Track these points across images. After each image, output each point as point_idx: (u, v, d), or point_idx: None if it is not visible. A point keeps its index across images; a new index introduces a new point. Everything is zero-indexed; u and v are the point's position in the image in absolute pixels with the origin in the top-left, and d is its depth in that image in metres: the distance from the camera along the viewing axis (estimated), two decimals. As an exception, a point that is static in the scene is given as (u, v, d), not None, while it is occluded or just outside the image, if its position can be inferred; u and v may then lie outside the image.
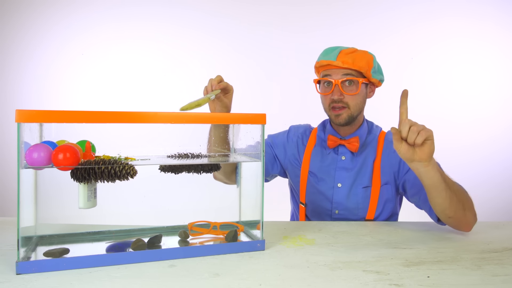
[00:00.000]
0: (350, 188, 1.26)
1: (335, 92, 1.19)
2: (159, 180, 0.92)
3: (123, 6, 2.90)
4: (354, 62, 1.16)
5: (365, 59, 1.18)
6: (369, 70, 1.18)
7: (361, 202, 1.25)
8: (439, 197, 1.00)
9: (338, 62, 1.17)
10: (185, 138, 0.97)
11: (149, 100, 2.84)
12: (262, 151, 0.91)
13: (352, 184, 1.26)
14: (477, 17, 2.86)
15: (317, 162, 1.30)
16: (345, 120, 1.22)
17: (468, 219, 1.04)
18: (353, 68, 1.17)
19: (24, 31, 2.92)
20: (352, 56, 1.17)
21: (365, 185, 1.25)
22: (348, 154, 1.28)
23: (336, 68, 1.19)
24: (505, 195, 2.79)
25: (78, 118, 0.74)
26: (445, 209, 1.01)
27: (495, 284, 0.73)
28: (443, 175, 1.00)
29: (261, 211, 0.91)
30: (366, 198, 1.25)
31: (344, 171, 1.27)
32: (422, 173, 0.97)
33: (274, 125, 1.49)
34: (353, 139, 1.25)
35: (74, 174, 0.80)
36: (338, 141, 1.27)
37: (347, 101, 1.20)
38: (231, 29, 2.91)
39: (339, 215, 1.28)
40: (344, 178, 1.26)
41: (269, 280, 0.73)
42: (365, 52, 1.20)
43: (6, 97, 2.94)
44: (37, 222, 0.85)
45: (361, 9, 2.90)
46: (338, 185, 1.27)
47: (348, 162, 1.27)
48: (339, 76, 1.19)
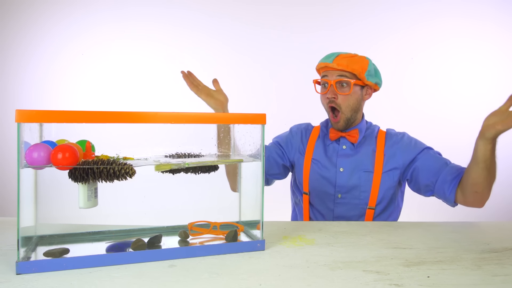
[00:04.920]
0: (352, 171, 1.32)
1: (330, 92, 1.29)
2: (159, 180, 0.92)
3: (123, 6, 2.90)
4: (348, 64, 1.25)
5: (360, 63, 1.26)
6: (362, 72, 1.26)
7: (363, 185, 1.31)
8: (480, 173, 1.10)
9: (334, 64, 1.26)
10: (184, 138, 0.97)
11: (149, 100, 2.84)
12: (262, 151, 0.91)
13: (354, 168, 1.32)
14: (477, 17, 2.86)
15: (320, 151, 1.38)
16: (342, 126, 1.32)
17: (487, 197, 1.16)
18: (347, 70, 1.25)
19: (24, 31, 2.92)
20: (348, 59, 1.26)
21: (367, 170, 1.31)
22: (349, 144, 1.35)
23: (332, 70, 1.28)
24: (505, 195, 2.78)
25: (78, 118, 0.74)
26: (478, 183, 1.12)
27: (495, 284, 0.73)
28: (495, 155, 1.10)
29: (261, 211, 0.91)
30: (368, 181, 1.31)
31: (345, 158, 1.34)
32: (485, 144, 1.07)
33: (274, 125, 1.49)
34: (353, 131, 1.34)
35: (72, 174, 0.80)
36: (339, 134, 1.35)
37: (340, 102, 1.29)
38: (231, 30, 2.91)
39: (342, 199, 1.32)
40: (346, 163, 1.33)
41: (269, 280, 0.73)
42: (362, 57, 1.28)
43: (6, 97, 2.94)
44: (37, 222, 0.85)
45: (361, 9, 2.89)
46: (340, 170, 1.33)
47: (348, 150, 1.35)
48: (334, 77, 1.28)
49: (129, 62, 2.90)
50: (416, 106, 2.83)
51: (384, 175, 1.30)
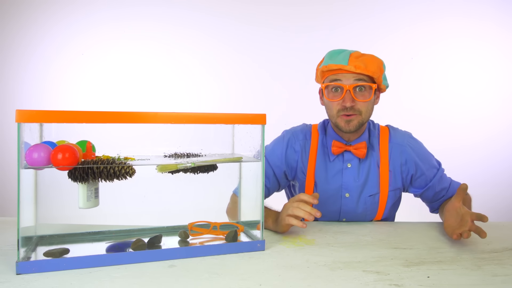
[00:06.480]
0: (358, 198, 1.21)
1: (347, 99, 1.10)
2: (159, 180, 0.92)
3: (123, 6, 2.90)
4: (367, 67, 1.08)
5: (377, 64, 1.10)
6: (381, 75, 1.12)
7: (370, 209, 1.22)
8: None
9: (351, 67, 1.07)
10: (184, 138, 0.97)
11: (149, 100, 2.84)
12: (262, 150, 0.91)
13: (360, 193, 1.21)
14: (477, 17, 2.86)
15: (322, 172, 1.22)
16: (355, 127, 1.14)
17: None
18: (366, 73, 1.09)
19: (24, 31, 2.92)
20: (364, 60, 1.09)
21: (373, 193, 1.21)
22: (355, 161, 1.20)
23: (348, 73, 1.10)
24: (505, 195, 2.79)
25: (78, 118, 0.74)
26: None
27: (495, 284, 0.73)
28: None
29: (261, 211, 0.92)
30: (374, 204, 1.22)
31: (351, 180, 1.20)
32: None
33: (274, 125, 1.49)
34: (360, 144, 1.18)
35: (71, 174, 0.80)
36: (343, 147, 1.19)
37: (359, 107, 1.11)
38: (231, 29, 2.91)
39: (346, 222, 1.24)
40: (352, 188, 1.20)
41: (269, 280, 0.73)
42: (373, 56, 1.13)
43: (6, 97, 2.94)
44: (37, 222, 0.85)
45: (361, 9, 2.89)
46: (346, 195, 1.21)
47: (354, 170, 1.20)
48: (350, 82, 1.09)
49: (129, 62, 2.90)
50: (416, 106, 2.83)
51: (390, 194, 1.22)
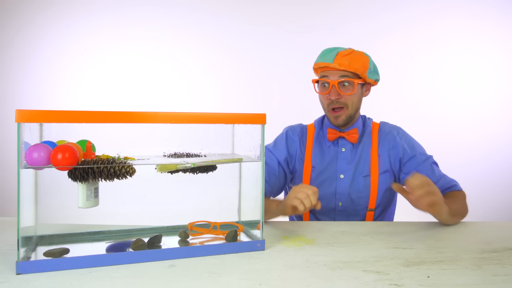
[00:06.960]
0: (352, 178, 1.31)
1: (332, 93, 1.25)
2: (159, 180, 0.92)
3: (123, 6, 2.90)
4: (350, 64, 1.21)
5: (361, 61, 1.23)
6: (364, 71, 1.24)
7: (362, 190, 1.30)
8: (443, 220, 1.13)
9: (335, 65, 1.22)
10: (184, 138, 0.97)
11: (149, 100, 2.84)
12: (262, 150, 0.91)
13: (354, 174, 1.31)
14: (477, 17, 2.86)
15: (318, 157, 1.35)
16: (343, 121, 1.29)
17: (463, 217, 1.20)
18: (349, 70, 1.22)
19: (24, 31, 2.92)
20: (349, 58, 1.22)
21: (365, 174, 1.31)
22: (348, 146, 1.34)
23: (333, 70, 1.24)
24: (505, 195, 2.78)
25: (78, 118, 0.74)
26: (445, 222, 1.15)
27: (495, 284, 0.73)
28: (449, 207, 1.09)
29: (261, 211, 0.92)
30: (366, 186, 1.30)
31: (345, 162, 1.33)
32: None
33: (274, 125, 1.49)
34: (352, 130, 1.32)
35: (72, 174, 0.80)
36: (337, 134, 1.33)
37: (345, 100, 1.26)
38: (231, 29, 2.91)
39: (342, 208, 1.31)
40: (346, 169, 1.32)
41: (269, 280, 0.73)
42: (361, 54, 1.25)
43: (6, 97, 2.94)
44: (37, 222, 0.85)
45: (361, 9, 2.89)
46: (340, 176, 1.32)
47: (348, 153, 1.33)
48: (336, 78, 1.24)
49: (129, 62, 2.89)
50: (416, 106, 2.83)
51: (381, 177, 1.30)
